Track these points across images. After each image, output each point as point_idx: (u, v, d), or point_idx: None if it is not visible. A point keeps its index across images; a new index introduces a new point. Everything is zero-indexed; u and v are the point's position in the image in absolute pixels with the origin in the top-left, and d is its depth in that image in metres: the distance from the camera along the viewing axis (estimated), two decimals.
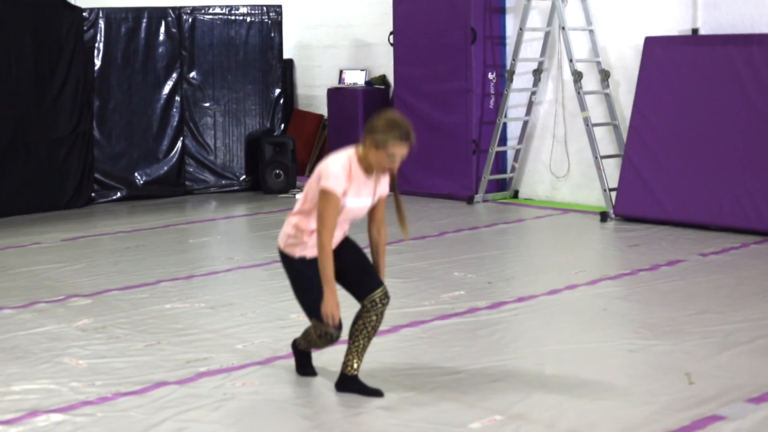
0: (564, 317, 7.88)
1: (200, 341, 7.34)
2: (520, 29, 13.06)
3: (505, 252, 10.45)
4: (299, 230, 5.87)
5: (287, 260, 5.97)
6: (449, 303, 8.28)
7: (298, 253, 5.89)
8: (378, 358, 6.82)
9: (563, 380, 6.35)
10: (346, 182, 5.71)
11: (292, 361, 6.73)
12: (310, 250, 5.87)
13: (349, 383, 6.13)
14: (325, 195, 5.66)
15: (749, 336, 7.20)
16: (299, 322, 7.65)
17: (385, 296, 5.98)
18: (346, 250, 5.99)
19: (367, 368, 6.53)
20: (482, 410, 5.83)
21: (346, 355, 6.11)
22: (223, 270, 9.71)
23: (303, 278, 5.91)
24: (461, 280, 9.09)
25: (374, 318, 5.98)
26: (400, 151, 5.73)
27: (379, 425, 5.67)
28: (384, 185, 5.98)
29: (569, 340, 7.27)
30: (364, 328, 6.00)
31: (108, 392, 6.26)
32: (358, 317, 6.02)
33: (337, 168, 5.71)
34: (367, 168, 5.82)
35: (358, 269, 5.99)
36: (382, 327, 7.49)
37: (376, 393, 6.09)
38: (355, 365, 6.11)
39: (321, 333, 5.89)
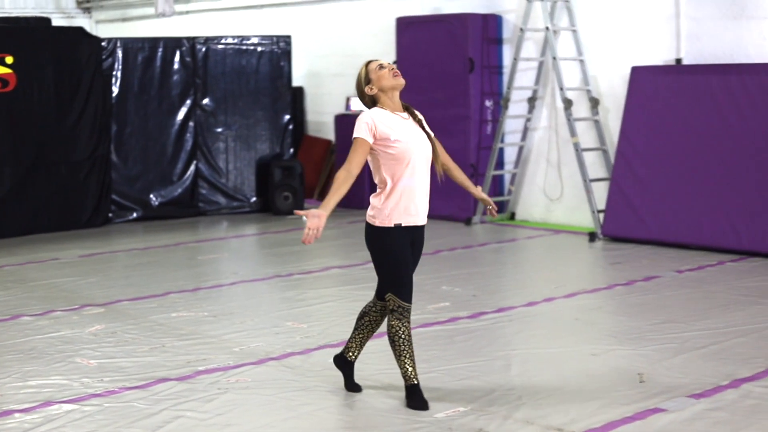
0: (537, 326, 8.54)
1: (201, 345, 8.03)
2: (515, 59, 13.75)
3: (494, 269, 11.10)
4: (376, 207, 6.33)
5: (372, 232, 6.35)
6: (433, 313, 8.94)
7: (385, 223, 6.28)
8: (363, 359, 7.49)
9: (526, 379, 6.99)
10: (375, 126, 6.18)
11: (282, 361, 7.43)
12: (389, 218, 6.28)
13: (347, 366, 6.83)
14: (354, 142, 6.21)
15: (704, 342, 7.84)
16: (293, 329, 8.37)
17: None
18: (413, 250, 6.47)
19: (355, 367, 7.21)
20: (448, 403, 6.49)
21: (350, 341, 6.81)
22: (228, 283, 10.40)
23: (385, 250, 6.32)
24: (448, 293, 9.73)
25: (378, 318, 6.72)
26: (382, 62, 6.39)
27: (355, 414, 6.36)
28: (425, 125, 6.48)
29: (538, 345, 7.92)
30: (372, 324, 6.75)
31: (114, 387, 6.96)
32: (365, 313, 6.71)
33: (361, 123, 6.23)
34: (393, 105, 6.34)
35: None
36: None
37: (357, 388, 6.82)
38: (356, 354, 6.80)
39: (395, 307, 6.34)
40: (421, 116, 6.50)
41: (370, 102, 6.39)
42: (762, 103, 11.52)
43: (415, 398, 6.42)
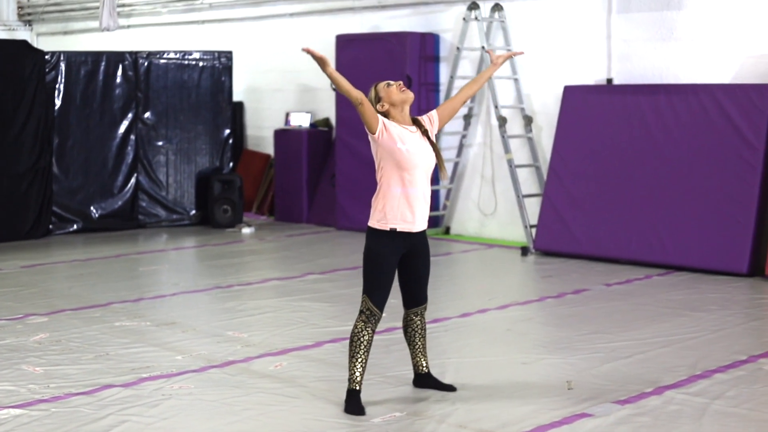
0: (470, 336, 8.84)
1: (144, 353, 8.24)
2: (452, 77, 14.08)
3: (430, 281, 11.30)
4: (376, 209, 6.71)
5: (369, 232, 6.74)
6: None
7: (381, 225, 6.67)
8: (303, 367, 7.76)
9: (459, 386, 7.26)
10: (383, 124, 6.53)
11: (224, 369, 7.67)
12: (384, 222, 6.65)
13: (424, 380, 7.20)
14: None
15: (630, 352, 8.18)
16: (234, 338, 8.61)
17: (425, 309, 7.11)
18: (419, 260, 6.90)
19: (294, 374, 7.50)
20: (385, 408, 6.77)
21: (413, 358, 7.18)
22: (169, 294, 10.61)
23: (373, 252, 6.70)
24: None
25: (418, 322, 7.09)
26: (389, 81, 6.76)
27: (295, 419, 6.59)
28: (431, 134, 6.78)
29: (471, 354, 8.23)
30: (415, 332, 7.10)
31: (61, 392, 7.15)
32: (407, 325, 7.10)
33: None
34: (402, 119, 6.68)
35: (415, 282, 7.00)
36: (308, 342, 8.50)
37: (449, 388, 7.16)
38: (424, 363, 7.18)
39: (364, 308, 6.74)
40: (428, 125, 6.82)
41: (381, 112, 6.72)
42: (689, 122, 11.93)
43: (352, 403, 6.69)
